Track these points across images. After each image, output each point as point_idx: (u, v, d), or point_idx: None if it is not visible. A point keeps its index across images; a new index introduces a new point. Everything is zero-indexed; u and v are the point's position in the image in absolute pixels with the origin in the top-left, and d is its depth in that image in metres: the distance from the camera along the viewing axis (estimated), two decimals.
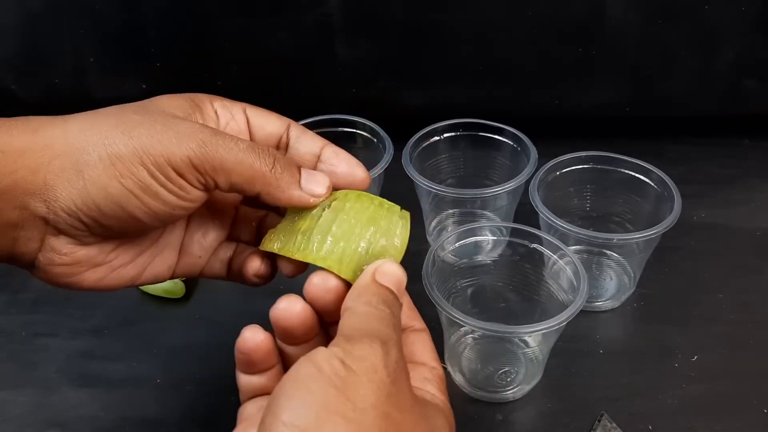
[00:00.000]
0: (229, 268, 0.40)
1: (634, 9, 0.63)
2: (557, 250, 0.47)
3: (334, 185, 0.37)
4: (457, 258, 0.50)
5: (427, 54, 0.66)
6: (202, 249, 0.39)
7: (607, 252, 0.56)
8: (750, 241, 0.61)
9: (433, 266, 0.46)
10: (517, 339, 0.48)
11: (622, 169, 0.56)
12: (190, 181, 0.33)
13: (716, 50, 0.65)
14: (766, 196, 0.66)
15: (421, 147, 0.58)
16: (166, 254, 0.38)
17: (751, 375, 0.49)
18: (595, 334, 0.53)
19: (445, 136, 0.60)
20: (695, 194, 0.62)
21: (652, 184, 0.54)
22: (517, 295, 0.51)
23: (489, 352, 0.50)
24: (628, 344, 0.53)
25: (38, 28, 0.65)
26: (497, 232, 0.53)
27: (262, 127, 0.38)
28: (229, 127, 0.37)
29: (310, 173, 0.36)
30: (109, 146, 0.32)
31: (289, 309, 0.33)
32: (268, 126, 0.38)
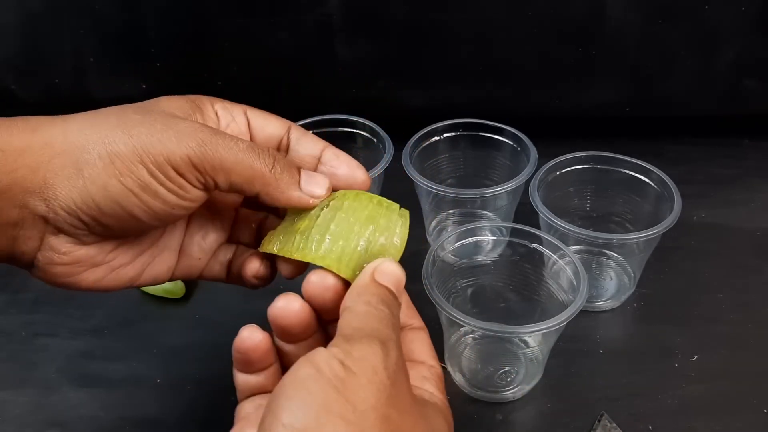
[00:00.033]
0: (229, 271, 0.40)
1: (634, 9, 0.63)
2: (557, 250, 0.47)
3: (335, 187, 0.37)
4: (457, 258, 0.50)
5: (427, 54, 0.66)
6: (201, 251, 0.39)
7: (607, 252, 0.56)
8: (750, 241, 0.61)
9: (433, 266, 0.46)
10: (517, 339, 0.48)
11: (622, 169, 0.56)
12: (189, 181, 0.33)
13: (716, 50, 0.65)
14: (766, 196, 0.66)
15: (421, 147, 0.58)
16: (166, 255, 0.38)
17: (751, 375, 0.49)
18: (595, 334, 0.53)
19: (445, 136, 0.60)
20: (695, 194, 0.62)
21: (652, 184, 0.54)
22: (517, 295, 0.51)
23: (489, 352, 0.50)
24: (628, 344, 0.53)
25: (38, 28, 0.65)
26: (497, 232, 0.53)
27: (263, 129, 0.38)
28: (230, 129, 0.37)
29: (309, 174, 0.36)
30: (109, 145, 0.32)
31: (287, 307, 0.33)
32: (268, 128, 0.38)
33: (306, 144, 0.39)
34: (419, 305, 0.37)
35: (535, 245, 0.48)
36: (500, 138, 0.59)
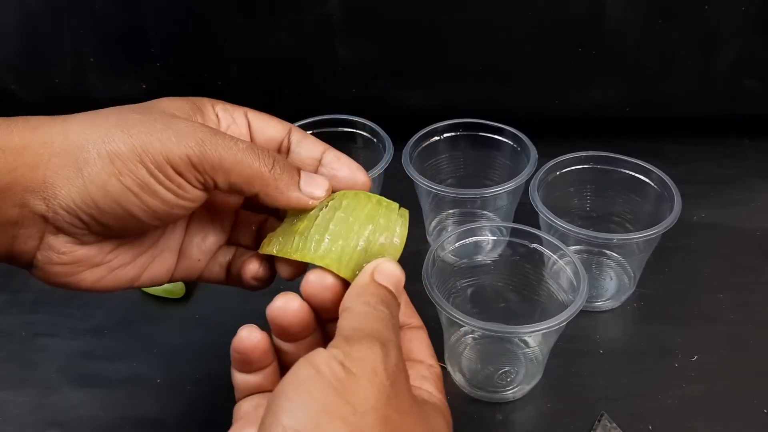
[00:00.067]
0: (228, 272, 0.40)
1: (634, 9, 0.63)
2: (557, 250, 0.47)
3: (336, 189, 0.37)
4: (457, 258, 0.50)
5: (427, 54, 0.66)
6: (201, 252, 0.39)
7: (607, 252, 0.56)
8: (750, 241, 0.61)
9: (433, 266, 0.46)
10: (517, 339, 0.48)
11: (622, 169, 0.56)
12: (189, 180, 0.33)
13: (716, 50, 0.65)
14: (766, 196, 0.66)
15: (421, 147, 0.58)
16: (166, 256, 0.38)
17: (751, 375, 0.49)
18: (595, 334, 0.53)
19: (445, 136, 0.59)
20: (695, 194, 0.62)
21: (652, 184, 0.54)
22: (517, 295, 0.51)
23: (489, 352, 0.50)
24: (628, 344, 0.53)
25: (38, 28, 0.65)
26: (497, 232, 0.53)
27: (264, 131, 0.38)
28: (231, 131, 0.37)
29: (309, 176, 0.36)
30: (109, 144, 0.32)
31: (286, 307, 0.33)
32: (269, 130, 0.38)
33: (307, 146, 0.39)
34: (419, 305, 0.37)
35: (535, 245, 0.48)
36: (500, 138, 0.59)
